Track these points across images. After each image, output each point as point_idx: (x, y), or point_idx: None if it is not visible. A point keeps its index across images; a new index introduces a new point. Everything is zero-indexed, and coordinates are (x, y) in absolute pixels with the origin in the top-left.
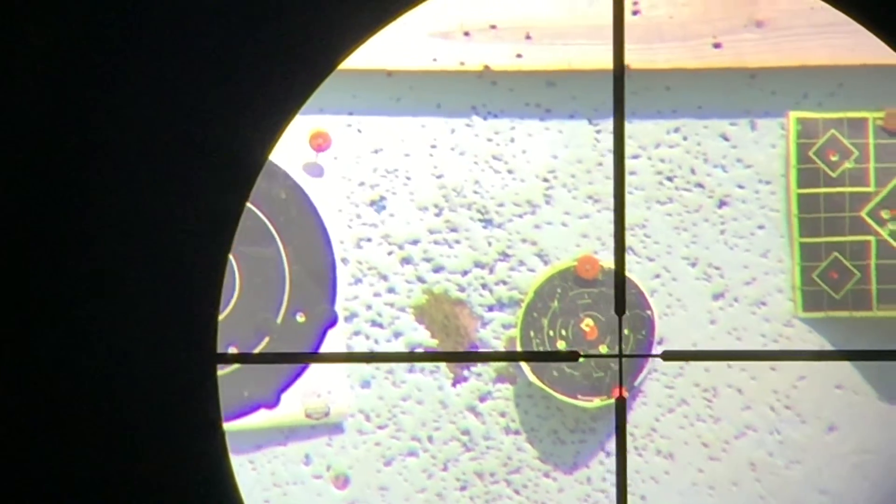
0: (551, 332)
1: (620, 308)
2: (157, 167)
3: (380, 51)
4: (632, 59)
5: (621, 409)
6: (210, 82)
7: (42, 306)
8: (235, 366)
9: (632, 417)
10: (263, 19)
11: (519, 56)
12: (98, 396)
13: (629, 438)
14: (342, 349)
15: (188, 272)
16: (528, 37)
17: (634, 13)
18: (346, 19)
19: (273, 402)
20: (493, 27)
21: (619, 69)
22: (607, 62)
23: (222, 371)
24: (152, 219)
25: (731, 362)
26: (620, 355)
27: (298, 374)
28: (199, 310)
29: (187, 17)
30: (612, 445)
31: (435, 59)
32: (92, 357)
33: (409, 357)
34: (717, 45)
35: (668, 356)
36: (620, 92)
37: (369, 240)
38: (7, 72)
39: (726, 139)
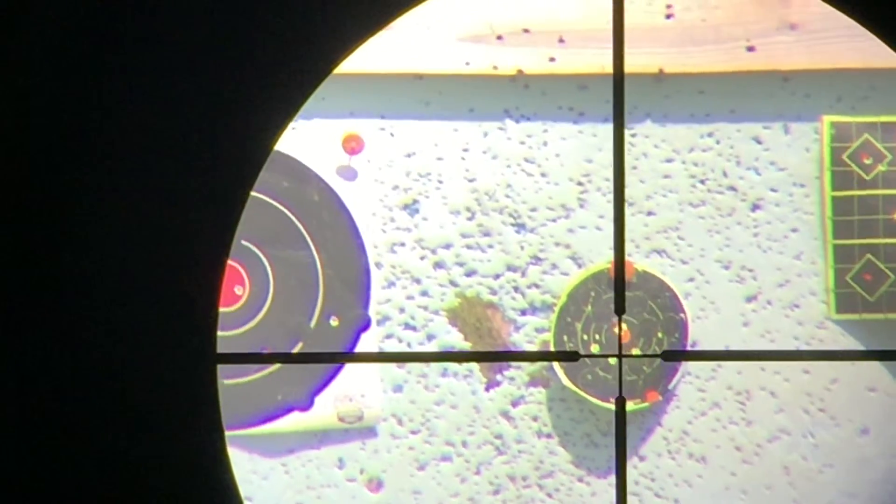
0: (585, 336)
1: (620, 307)
2: (156, 168)
3: (411, 54)
4: (665, 62)
5: (621, 409)
6: (205, 86)
7: (42, 307)
8: (270, 368)
9: (665, 421)
10: (260, 23)
11: (552, 59)
12: (98, 396)
13: (662, 442)
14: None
15: (188, 272)
16: (560, 40)
17: (668, 17)
18: (342, 23)
19: (307, 405)
20: (526, 31)
21: (619, 73)
22: (640, 65)
23: (257, 374)
24: (152, 219)
25: (764, 364)
26: (620, 355)
27: (332, 377)
28: (199, 309)
29: (183, 20)
30: (645, 449)
31: (467, 63)
32: (92, 357)
33: (412, 357)
34: (750, 49)
35: (668, 356)
36: (620, 96)
37: (402, 244)
38: (6, 72)
39: (759, 143)
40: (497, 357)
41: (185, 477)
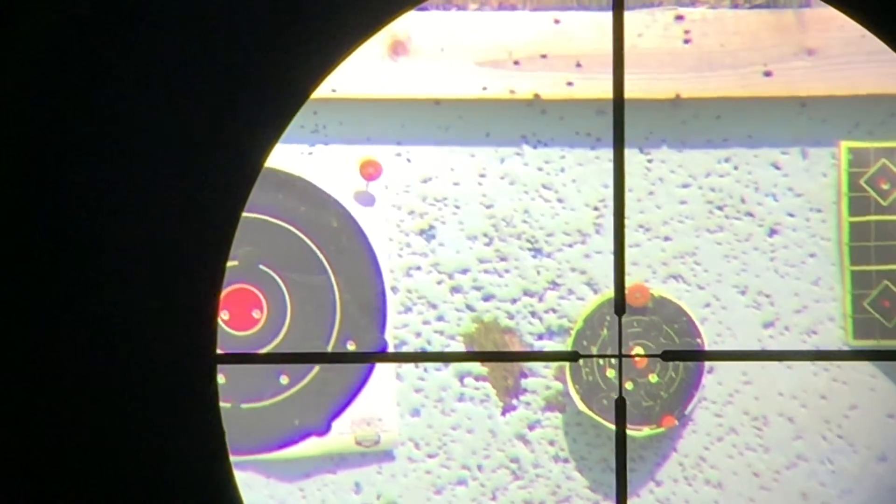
0: (601, 361)
1: (620, 309)
2: (155, 168)
3: (428, 80)
4: (683, 87)
5: (621, 409)
6: (194, 101)
7: (41, 308)
8: (287, 394)
9: (681, 446)
10: (245, 40)
11: (569, 84)
12: (97, 397)
13: (678, 468)
14: (392, 377)
15: (188, 272)
16: (578, 65)
17: (685, 42)
18: (326, 38)
19: (324, 430)
20: (544, 56)
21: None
22: (657, 91)
23: (274, 398)
24: (151, 219)
25: (781, 389)
26: (620, 355)
27: (349, 402)
28: (199, 311)
29: (171, 41)
30: (661, 474)
31: (484, 88)
32: (90, 358)
33: (416, 357)
34: (767, 74)
35: (668, 356)
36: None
37: (419, 268)
38: (3, 73)
39: (777, 168)
40: (495, 357)
41: (185, 478)
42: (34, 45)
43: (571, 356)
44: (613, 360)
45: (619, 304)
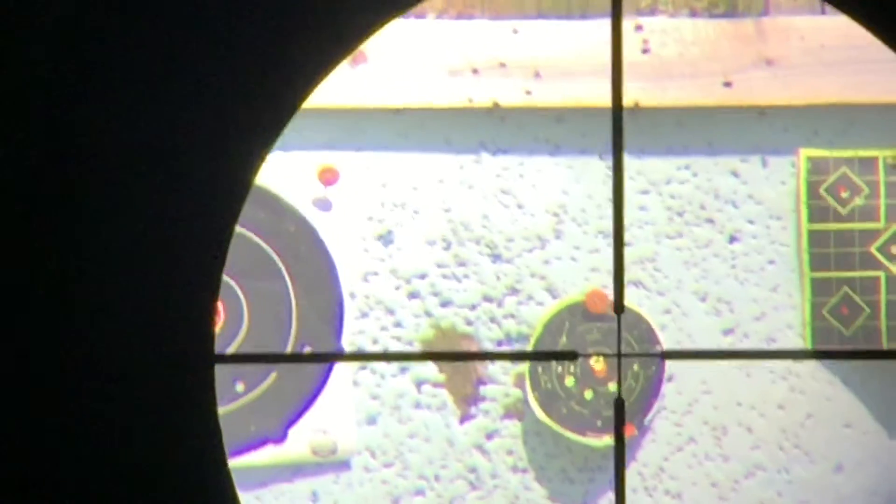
0: (559, 368)
1: (619, 306)
2: (154, 169)
3: (388, 87)
4: (642, 96)
5: (620, 409)
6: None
7: (39, 308)
8: (242, 400)
9: (640, 456)
10: (234, 53)
11: (528, 93)
12: (95, 398)
13: (638, 478)
14: (349, 383)
15: (185, 272)
16: (537, 74)
17: (644, 51)
18: (314, 51)
19: (280, 437)
20: (503, 65)
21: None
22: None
23: (231, 405)
24: (149, 220)
25: (740, 399)
26: (619, 355)
27: (305, 409)
28: (196, 311)
29: (160, 54)
30: None
31: (444, 96)
32: (89, 359)
33: (402, 356)
34: (727, 84)
35: (668, 355)
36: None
37: (376, 274)
38: (0, 77)
39: (737, 176)
40: (493, 357)
41: (183, 478)
42: (27, 53)
43: (570, 355)
44: (572, 368)
45: (618, 301)
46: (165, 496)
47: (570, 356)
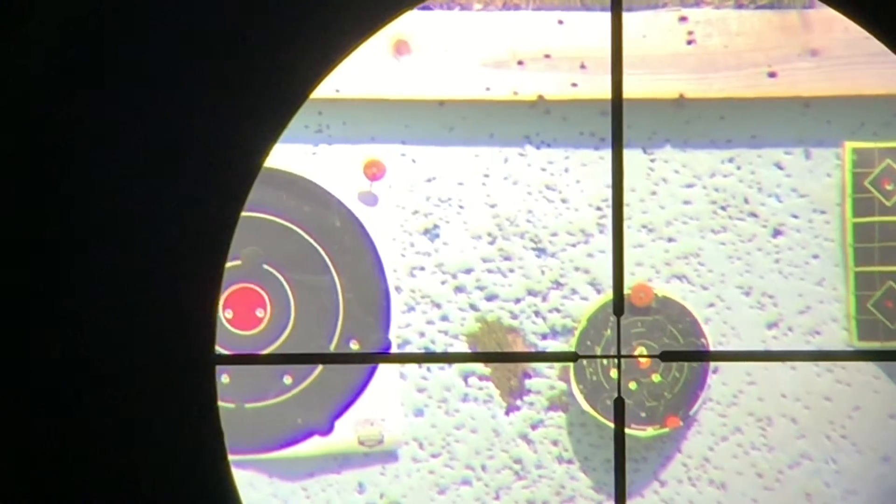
0: (604, 361)
1: (619, 309)
2: (154, 169)
3: (432, 80)
4: (686, 88)
5: (619, 410)
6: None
7: (39, 309)
8: (290, 393)
9: (685, 447)
10: (242, 40)
11: (574, 85)
12: (95, 398)
13: (682, 468)
14: (395, 377)
15: (188, 273)
16: (582, 66)
17: (689, 42)
18: (317, 47)
19: (327, 429)
20: (547, 56)
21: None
22: (662, 91)
23: (278, 398)
24: (149, 220)
25: (785, 390)
26: (619, 356)
27: (352, 402)
28: (197, 311)
29: (167, 41)
30: (665, 474)
31: (488, 89)
32: (89, 359)
33: (412, 358)
34: (771, 75)
35: (667, 357)
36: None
37: (423, 268)
38: (2, 74)
39: (781, 168)
40: (495, 358)
41: (184, 479)
42: (33, 47)
43: (571, 357)
44: (617, 361)
45: (618, 304)
46: (166, 496)
47: (570, 357)
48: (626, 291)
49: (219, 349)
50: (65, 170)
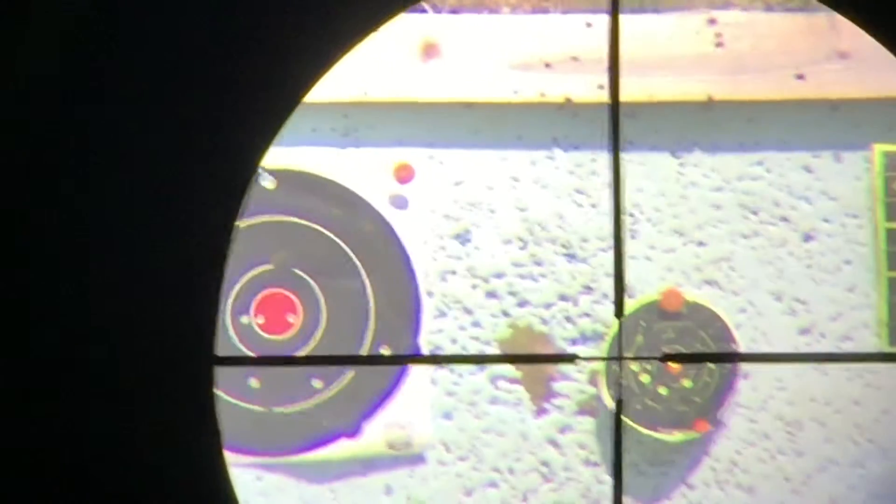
0: (635, 367)
1: (619, 311)
2: (154, 170)
3: (460, 83)
4: (714, 90)
5: (619, 410)
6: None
7: (40, 309)
8: (319, 397)
9: (713, 451)
10: (239, 41)
11: (601, 87)
12: (96, 399)
13: (710, 472)
14: (426, 381)
15: (188, 274)
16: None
17: (718, 45)
18: (311, 51)
19: (354, 432)
20: (575, 59)
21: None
22: (690, 94)
23: (306, 402)
24: (151, 221)
25: (814, 394)
26: (620, 357)
27: (380, 404)
28: (198, 313)
29: (165, 42)
30: (693, 478)
31: (516, 91)
32: (90, 360)
33: (419, 359)
34: (799, 77)
35: (667, 358)
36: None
37: (454, 273)
38: (1, 77)
39: (810, 172)
40: (498, 360)
41: (183, 480)
42: (30, 51)
43: (569, 359)
44: (648, 366)
45: (619, 305)
46: (166, 496)
47: (569, 359)
48: (656, 297)
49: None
50: (65, 172)
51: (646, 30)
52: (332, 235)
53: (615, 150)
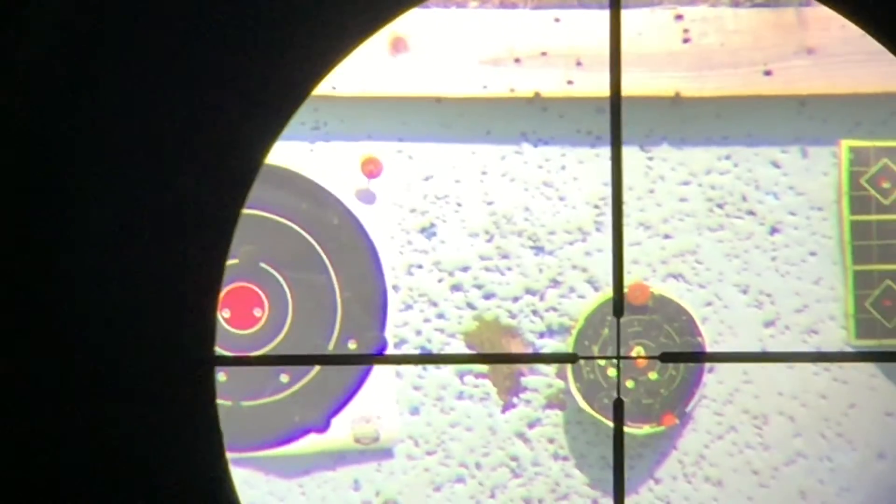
0: (602, 361)
1: (619, 310)
2: (154, 169)
3: (429, 77)
4: (682, 86)
5: (619, 410)
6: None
7: (39, 309)
8: (287, 391)
9: (681, 444)
10: (241, 37)
11: (570, 83)
12: (95, 399)
13: (678, 466)
14: (391, 375)
15: (187, 274)
16: (578, 63)
17: (685, 41)
18: (319, 45)
19: (323, 427)
20: (544, 54)
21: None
22: (658, 89)
23: (274, 396)
24: (149, 220)
25: (781, 388)
26: (619, 357)
27: (348, 399)
28: (197, 311)
29: (166, 39)
30: (660, 472)
31: (485, 86)
32: (89, 359)
33: (409, 359)
34: (767, 73)
35: (666, 358)
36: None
37: (420, 266)
38: (2, 73)
39: (777, 167)
40: (496, 359)
41: (183, 480)
42: (34, 45)
43: (570, 358)
44: (615, 360)
45: (618, 305)
46: (165, 496)
47: (570, 358)
48: (624, 291)
49: (216, 349)
50: (65, 169)
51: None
52: (299, 229)
53: (616, 144)
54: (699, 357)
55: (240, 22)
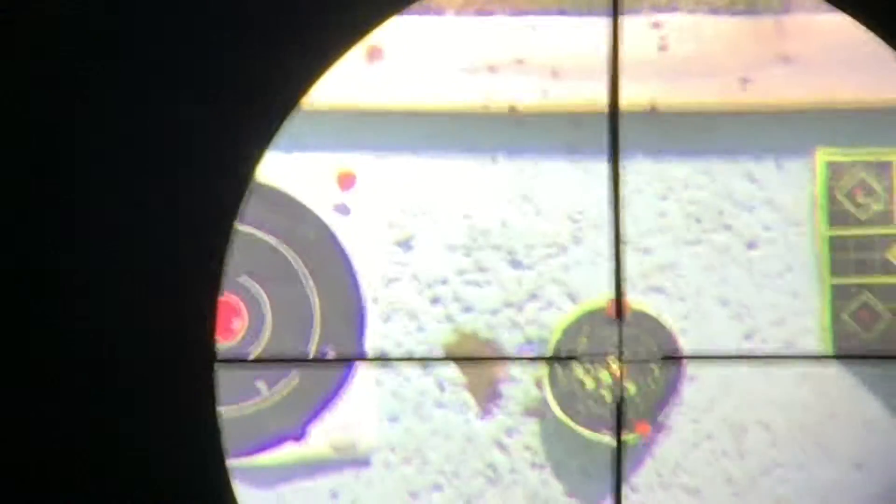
0: (579, 370)
1: (618, 311)
2: (153, 173)
3: (405, 88)
4: (658, 95)
5: (619, 411)
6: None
7: (40, 309)
8: (264, 400)
9: (658, 452)
10: (233, 51)
11: (545, 92)
12: (97, 398)
13: (654, 475)
14: (371, 383)
15: (187, 275)
16: (554, 72)
17: (662, 49)
18: (306, 55)
19: (300, 435)
20: (520, 62)
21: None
22: (633, 98)
23: (251, 404)
24: (152, 224)
25: (759, 397)
26: (620, 356)
27: (325, 407)
28: (198, 313)
29: (160, 52)
30: (637, 480)
31: (461, 97)
32: (90, 359)
33: (414, 358)
34: (744, 81)
35: (666, 359)
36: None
37: (399, 279)
38: (2, 76)
39: (753, 181)
40: (496, 360)
41: (183, 478)
42: (28, 52)
43: (571, 358)
44: (591, 371)
45: (618, 307)
46: (166, 495)
47: (570, 358)
48: (601, 304)
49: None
50: (64, 175)
51: (588, 32)
52: (275, 243)
53: (614, 156)
54: (702, 357)
55: (227, 36)
